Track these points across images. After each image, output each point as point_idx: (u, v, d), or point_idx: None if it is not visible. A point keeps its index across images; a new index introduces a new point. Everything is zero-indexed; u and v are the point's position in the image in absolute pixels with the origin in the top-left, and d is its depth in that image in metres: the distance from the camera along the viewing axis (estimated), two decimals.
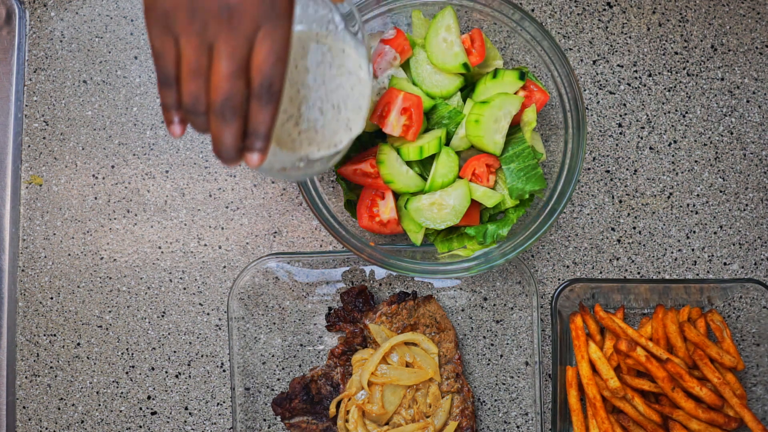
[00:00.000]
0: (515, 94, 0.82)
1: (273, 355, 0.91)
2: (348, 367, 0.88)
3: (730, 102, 0.93)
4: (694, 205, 0.92)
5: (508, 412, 0.91)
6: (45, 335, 0.92)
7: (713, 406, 0.84)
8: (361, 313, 0.89)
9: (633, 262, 0.92)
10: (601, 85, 0.93)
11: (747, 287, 0.88)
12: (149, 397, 0.92)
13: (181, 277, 0.92)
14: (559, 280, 0.92)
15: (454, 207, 0.80)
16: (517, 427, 0.91)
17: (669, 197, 0.92)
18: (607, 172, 0.93)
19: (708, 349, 0.85)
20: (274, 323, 0.91)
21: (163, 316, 0.92)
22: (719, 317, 0.89)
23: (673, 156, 0.93)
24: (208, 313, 0.92)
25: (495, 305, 0.92)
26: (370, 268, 0.91)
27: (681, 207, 0.92)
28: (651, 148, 0.92)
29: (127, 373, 0.92)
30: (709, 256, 0.92)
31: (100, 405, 0.92)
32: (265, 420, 0.91)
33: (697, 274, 0.92)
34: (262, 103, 0.60)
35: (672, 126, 0.93)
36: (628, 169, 0.92)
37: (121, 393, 0.92)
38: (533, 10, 0.93)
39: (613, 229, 0.92)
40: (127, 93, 0.93)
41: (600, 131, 0.93)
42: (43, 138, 0.93)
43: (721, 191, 0.92)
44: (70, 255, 0.92)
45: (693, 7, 0.93)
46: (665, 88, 0.93)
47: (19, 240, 0.93)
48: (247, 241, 0.92)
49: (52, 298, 0.92)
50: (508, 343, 0.91)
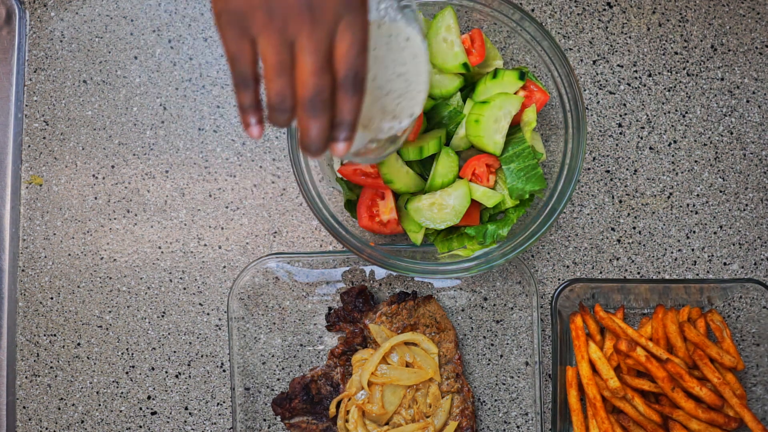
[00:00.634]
0: (515, 94, 0.81)
1: (273, 355, 0.91)
2: (348, 367, 0.88)
3: (730, 102, 0.93)
4: (694, 205, 0.92)
5: (508, 412, 0.91)
6: (45, 335, 0.92)
7: (713, 406, 0.84)
8: (361, 313, 0.89)
9: (633, 262, 0.92)
10: (601, 85, 0.93)
11: (747, 287, 0.88)
12: (149, 397, 0.92)
13: (181, 277, 0.92)
14: (559, 280, 0.92)
15: (454, 207, 0.80)
16: (517, 427, 0.91)
17: (669, 197, 0.92)
18: (607, 172, 0.93)
19: (708, 349, 0.85)
20: (274, 323, 0.91)
21: (163, 316, 0.92)
22: (719, 317, 0.89)
23: (673, 156, 0.93)
24: (208, 313, 0.92)
25: (495, 305, 0.92)
26: (370, 268, 0.91)
27: (681, 207, 0.92)
28: (651, 148, 0.92)
29: (127, 373, 0.92)
30: (709, 256, 0.92)
31: (100, 405, 0.92)
32: (265, 420, 0.91)
33: (697, 274, 0.92)
34: (349, 94, 0.61)
35: (672, 126, 0.93)
36: (628, 169, 0.92)
37: (121, 393, 0.92)
38: (533, 10, 0.93)
39: (613, 229, 0.92)
40: (127, 93, 0.93)
41: (600, 131, 0.93)
42: (43, 138, 0.93)
43: (721, 191, 0.92)
44: (70, 255, 0.92)
45: (693, 7, 0.93)
46: (665, 88, 0.93)
47: (19, 240, 0.93)
48: (247, 241, 0.92)
49: (52, 298, 0.92)
50: (508, 343, 0.91)
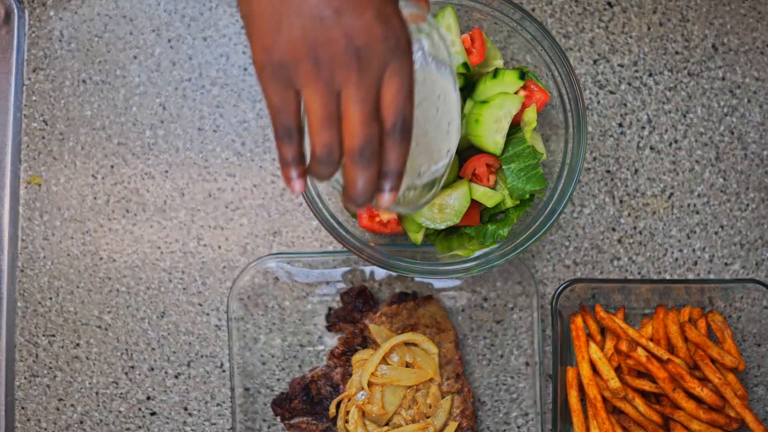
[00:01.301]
0: (515, 93, 0.81)
1: (273, 356, 0.91)
2: (348, 367, 0.88)
3: (731, 102, 0.93)
4: (695, 205, 0.92)
5: (509, 412, 0.91)
6: (44, 336, 0.92)
7: (714, 406, 0.83)
8: (361, 313, 0.88)
9: (634, 262, 0.92)
10: (601, 84, 0.93)
11: (748, 287, 0.88)
12: (149, 398, 0.92)
13: (180, 278, 0.92)
14: (559, 280, 0.92)
15: (454, 207, 0.80)
16: (518, 427, 0.91)
17: (670, 197, 0.92)
18: (608, 172, 0.92)
19: (709, 349, 0.85)
20: (274, 323, 0.91)
21: (162, 317, 0.92)
22: (720, 318, 0.88)
23: (673, 156, 0.92)
24: (208, 314, 0.92)
25: (495, 305, 0.91)
26: (370, 269, 0.91)
27: (682, 207, 0.92)
28: (652, 148, 0.92)
29: (126, 373, 0.92)
30: (710, 257, 0.92)
31: (99, 405, 0.92)
32: (264, 420, 0.91)
33: (698, 275, 0.92)
34: (397, 142, 0.59)
35: (673, 126, 0.92)
36: (628, 169, 0.92)
37: (121, 393, 0.92)
38: (534, 10, 0.93)
39: (613, 229, 0.92)
40: (127, 93, 0.93)
41: (600, 131, 0.92)
42: (42, 138, 0.93)
43: (722, 191, 0.92)
44: (69, 255, 0.92)
45: (694, 7, 0.93)
46: (666, 88, 0.93)
47: (18, 240, 0.92)
48: (246, 242, 0.92)
49: (51, 299, 0.92)
50: (508, 344, 0.91)
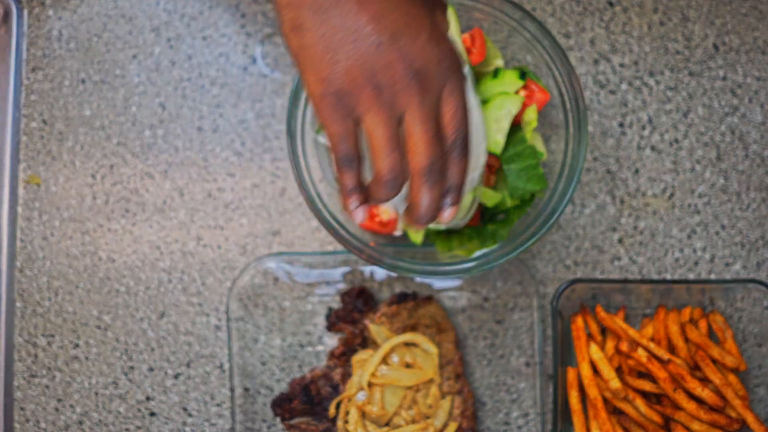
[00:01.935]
0: (516, 93, 0.81)
1: (272, 356, 0.91)
2: (348, 367, 0.88)
3: (732, 101, 0.92)
4: (695, 205, 0.92)
5: (509, 413, 0.91)
6: (43, 336, 0.92)
7: (715, 407, 0.83)
8: (361, 313, 0.88)
9: (634, 262, 0.92)
10: (602, 84, 0.92)
11: (749, 288, 0.88)
12: (148, 398, 0.92)
13: (180, 278, 0.92)
14: (559, 280, 0.92)
15: None
16: (518, 428, 0.91)
17: (670, 197, 0.92)
18: (608, 171, 0.92)
19: (710, 349, 0.84)
20: (274, 324, 0.91)
21: (162, 317, 0.92)
22: (721, 318, 0.88)
23: (674, 156, 0.92)
24: (208, 314, 0.92)
25: (495, 306, 0.91)
26: (370, 269, 0.91)
27: (682, 207, 0.92)
28: (652, 148, 0.92)
29: (125, 374, 0.92)
30: (710, 257, 0.92)
31: (98, 406, 0.92)
32: (264, 421, 0.91)
33: (699, 275, 0.92)
34: (457, 158, 0.61)
35: (673, 125, 0.92)
36: (629, 168, 0.92)
37: (120, 394, 0.92)
38: (534, 10, 0.93)
39: (614, 229, 0.92)
40: (126, 93, 0.93)
41: (601, 131, 0.92)
42: (41, 137, 0.93)
43: (723, 191, 0.92)
44: (68, 255, 0.92)
45: (695, 6, 0.93)
46: (667, 88, 0.92)
47: (17, 240, 0.92)
48: (246, 242, 0.92)
49: (50, 299, 0.92)
50: (508, 344, 0.91)
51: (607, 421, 0.84)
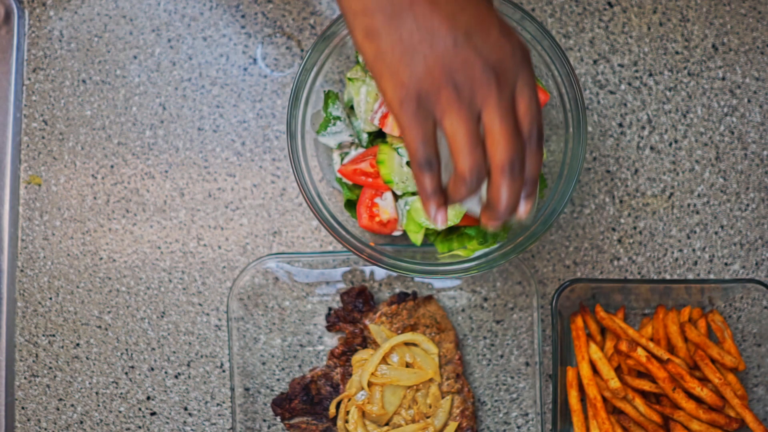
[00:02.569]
0: None
1: (273, 356, 0.91)
2: (348, 367, 0.88)
3: (731, 102, 0.93)
4: (695, 205, 0.92)
5: (509, 412, 0.91)
6: (44, 336, 0.92)
7: (714, 406, 0.83)
8: (361, 313, 0.88)
9: (634, 262, 0.92)
10: (601, 84, 0.93)
11: (748, 287, 0.88)
12: (148, 398, 0.92)
13: (180, 278, 0.92)
14: (559, 280, 0.92)
15: (454, 207, 0.80)
16: (518, 427, 0.91)
17: (670, 197, 0.92)
18: (608, 172, 0.92)
19: (709, 349, 0.85)
20: (274, 323, 0.91)
21: (162, 317, 0.92)
22: (720, 318, 0.88)
23: (673, 156, 0.92)
24: (208, 314, 0.92)
25: (495, 305, 0.91)
26: (370, 269, 0.91)
27: (682, 207, 0.92)
28: (652, 148, 0.92)
29: (126, 373, 0.92)
30: (710, 257, 0.92)
31: (99, 405, 0.92)
32: (264, 420, 0.91)
33: (698, 275, 0.92)
34: (534, 149, 0.61)
35: (673, 126, 0.92)
36: (628, 169, 0.92)
37: (121, 393, 0.92)
38: (534, 10, 0.93)
39: (613, 229, 0.92)
40: (127, 93, 0.93)
41: (600, 131, 0.92)
42: (42, 138, 0.93)
43: (722, 191, 0.92)
44: (69, 255, 0.92)
45: (694, 7, 0.93)
46: (666, 88, 0.93)
47: (18, 240, 0.92)
48: (246, 242, 0.92)
49: (51, 299, 0.92)
50: (508, 344, 0.91)
51: (607, 420, 0.84)
